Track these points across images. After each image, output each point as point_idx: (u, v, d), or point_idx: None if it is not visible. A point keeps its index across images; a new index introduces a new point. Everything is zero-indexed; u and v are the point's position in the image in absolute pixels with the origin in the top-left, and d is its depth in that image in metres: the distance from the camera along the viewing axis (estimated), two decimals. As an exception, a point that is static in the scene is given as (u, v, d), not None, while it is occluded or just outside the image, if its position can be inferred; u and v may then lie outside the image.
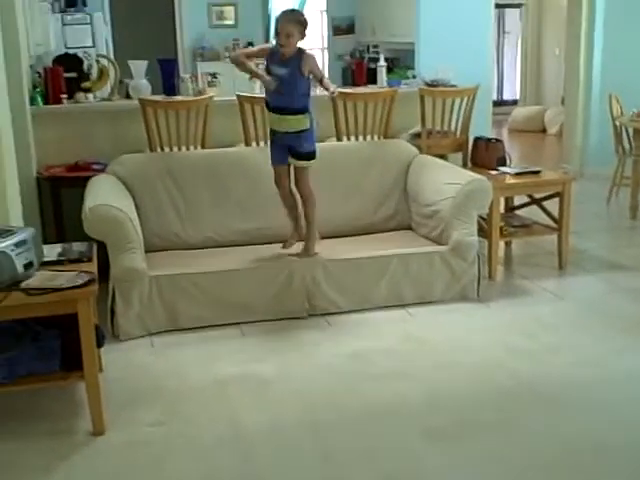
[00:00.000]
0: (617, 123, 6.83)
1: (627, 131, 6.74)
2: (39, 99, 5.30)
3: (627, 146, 6.79)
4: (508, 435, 3.09)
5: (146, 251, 4.30)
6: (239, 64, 4.38)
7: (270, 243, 4.71)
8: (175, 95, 5.61)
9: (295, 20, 4.30)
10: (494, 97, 12.89)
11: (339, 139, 5.52)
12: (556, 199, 5.17)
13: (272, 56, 4.34)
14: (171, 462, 2.92)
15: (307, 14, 10.95)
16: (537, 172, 5.28)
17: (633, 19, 8.11)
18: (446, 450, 2.99)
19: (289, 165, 4.48)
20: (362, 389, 3.50)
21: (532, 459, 2.91)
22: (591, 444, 3.02)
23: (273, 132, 4.45)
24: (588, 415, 3.24)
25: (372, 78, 6.80)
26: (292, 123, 4.34)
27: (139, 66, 5.69)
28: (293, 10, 4.64)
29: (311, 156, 4.45)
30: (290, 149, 4.40)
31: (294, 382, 3.58)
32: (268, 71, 4.32)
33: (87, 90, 5.56)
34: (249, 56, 4.49)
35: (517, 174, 5.21)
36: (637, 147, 6.52)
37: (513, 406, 3.33)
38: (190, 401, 3.41)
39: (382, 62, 6.55)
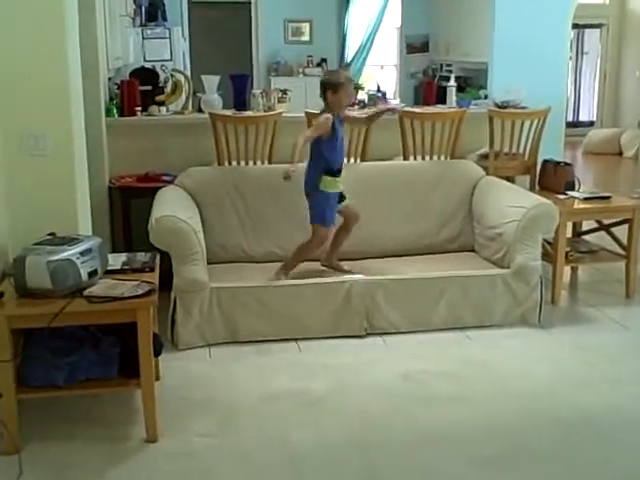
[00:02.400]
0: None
1: None
2: (115, 111, 5.47)
3: None
4: (559, 468, 3.03)
5: (209, 263, 4.38)
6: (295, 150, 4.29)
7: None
8: (245, 110, 5.70)
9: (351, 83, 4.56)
10: (570, 118, 12.71)
11: (406, 158, 5.51)
12: (626, 225, 5.06)
13: (335, 120, 4.40)
14: (219, 474, 2.96)
15: (381, 31, 11.00)
16: (607, 197, 5.17)
17: None
18: (495, 478, 2.95)
19: None
20: (414, 411, 3.48)
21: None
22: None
23: (331, 195, 4.45)
24: (646, 451, 3.16)
25: (443, 97, 6.79)
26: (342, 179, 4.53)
27: (211, 81, 5.81)
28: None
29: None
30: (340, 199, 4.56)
31: (347, 400, 3.58)
32: (333, 130, 4.37)
33: (161, 103, 5.70)
34: (313, 138, 4.40)
35: (586, 199, 5.12)
36: None
37: (567, 438, 3.26)
38: (242, 414, 3.45)
39: (452, 82, 6.53)
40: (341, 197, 4.53)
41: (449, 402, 3.56)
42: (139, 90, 5.63)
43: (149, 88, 5.78)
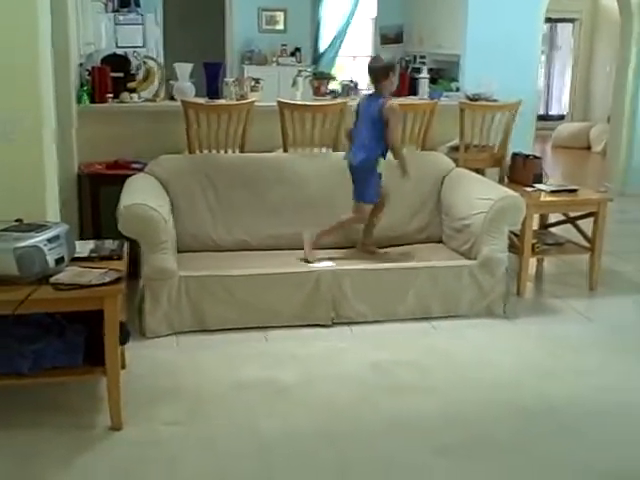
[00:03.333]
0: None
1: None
2: (85, 97, 5.42)
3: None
4: (521, 458, 3.08)
5: (179, 251, 4.40)
6: (402, 154, 4.63)
7: (302, 249, 4.77)
8: (218, 98, 5.69)
9: None
10: (541, 112, 12.81)
11: (377, 149, 5.53)
12: (592, 218, 5.12)
13: None
14: (185, 462, 2.98)
15: (356, 22, 10.97)
16: (573, 191, 5.24)
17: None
18: (457, 467, 2.99)
19: None
20: (380, 400, 3.51)
21: (544, 480, 2.91)
22: (610, 471, 2.99)
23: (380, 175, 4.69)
24: (609, 441, 3.21)
25: (415, 89, 6.82)
26: None
27: (184, 68, 5.79)
28: None
29: None
30: None
31: (314, 390, 3.61)
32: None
33: (132, 90, 5.67)
34: None
35: (553, 192, 5.18)
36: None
37: (530, 428, 3.32)
38: (210, 403, 3.46)
39: (424, 74, 6.57)
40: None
41: (414, 392, 3.61)
42: (110, 77, 5.58)
43: (121, 75, 5.74)
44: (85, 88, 5.49)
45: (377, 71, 4.60)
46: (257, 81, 6.16)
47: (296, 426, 3.28)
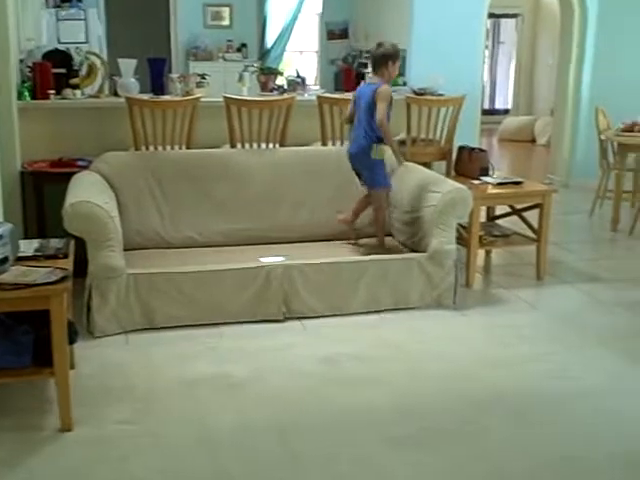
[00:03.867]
0: (602, 137, 6.88)
1: (612, 145, 6.80)
2: (27, 94, 5.32)
3: (611, 160, 6.85)
4: (473, 445, 3.12)
5: (126, 249, 4.34)
6: (390, 134, 4.66)
7: (251, 245, 4.77)
8: (163, 95, 5.64)
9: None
10: (486, 106, 13.00)
11: (324, 144, 5.55)
12: (537, 210, 5.21)
13: None
14: (137, 460, 2.94)
15: (302, 17, 10.97)
16: (519, 183, 5.32)
17: (623, 36, 8.18)
18: (409, 459, 3.01)
19: None
20: (332, 394, 3.52)
21: (495, 471, 2.94)
22: (558, 457, 3.04)
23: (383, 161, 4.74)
24: (557, 427, 3.27)
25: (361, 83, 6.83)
26: None
27: (128, 64, 5.72)
28: None
29: None
30: None
31: (265, 385, 3.60)
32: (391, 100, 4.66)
33: (75, 86, 5.58)
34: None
35: (499, 184, 5.25)
36: (620, 161, 6.58)
37: (480, 416, 3.36)
38: (161, 400, 3.43)
39: (370, 68, 6.57)
40: None
41: (365, 384, 3.62)
42: (52, 73, 5.49)
43: (63, 71, 5.65)
44: (26, 84, 5.39)
45: (376, 58, 4.69)
46: (203, 77, 6.13)
47: (247, 421, 3.27)
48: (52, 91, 5.42)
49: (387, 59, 4.63)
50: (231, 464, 2.95)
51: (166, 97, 5.54)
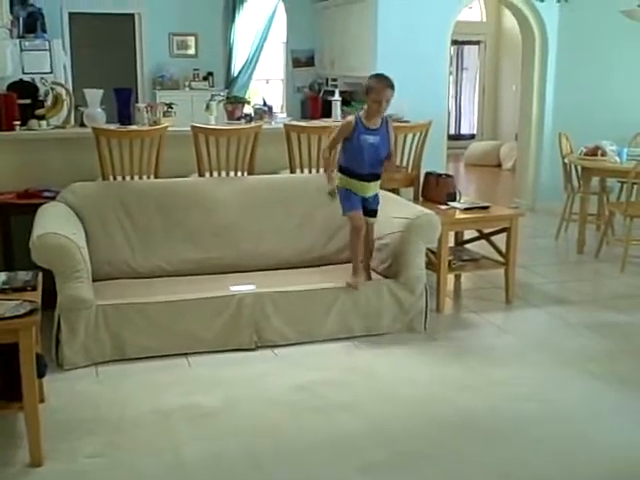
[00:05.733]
0: (566, 161, 7.00)
1: (576, 169, 6.91)
2: (-8, 125, 5.28)
3: (576, 183, 6.96)
4: (443, 469, 3.12)
5: (95, 280, 4.31)
6: (325, 162, 4.60)
7: (221, 273, 4.76)
8: (130, 124, 5.63)
9: (392, 86, 4.32)
10: (452, 131, 13.14)
11: (292, 171, 5.57)
12: (505, 234, 5.27)
13: (357, 126, 4.34)
14: (108, 494, 2.91)
15: (268, 46, 11.03)
16: (486, 207, 5.38)
17: (584, 61, 8.36)
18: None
19: None
20: (305, 421, 3.51)
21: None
22: (529, 477, 3.06)
23: (352, 192, 4.47)
24: (527, 449, 3.29)
25: (329, 111, 6.90)
26: (374, 188, 4.52)
27: (94, 95, 5.70)
28: (386, 75, 4.43)
29: (377, 212, 4.63)
30: (364, 208, 4.52)
31: (239, 414, 3.58)
32: (350, 134, 4.35)
33: (41, 117, 5.54)
34: (336, 143, 4.48)
35: (466, 209, 5.31)
36: (584, 185, 6.69)
37: (452, 439, 3.37)
38: (132, 432, 3.39)
39: (337, 96, 6.65)
40: (372, 212, 4.57)
41: (338, 410, 3.62)
42: (18, 103, 5.45)
43: (28, 102, 5.62)
44: (-9, 116, 5.34)
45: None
46: (170, 106, 6.13)
47: (221, 450, 3.24)
48: (17, 122, 5.38)
49: (366, 91, 4.38)
50: (205, 496, 2.92)
51: (133, 127, 5.53)
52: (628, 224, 6.07)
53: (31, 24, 8.92)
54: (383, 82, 4.29)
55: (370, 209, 4.56)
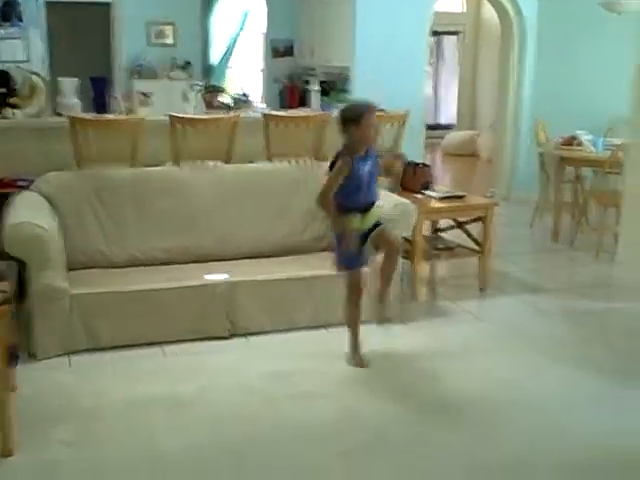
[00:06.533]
0: (542, 150, 7.04)
1: (551, 158, 6.94)
2: (-35, 114, 5.23)
3: (551, 172, 7.00)
4: (420, 452, 3.16)
5: (70, 269, 4.29)
6: (327, 213, 4.06)
7: (196, 262, 4.74)
8: (106, 113, 5.60)
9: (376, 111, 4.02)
10: (430, 121, 13.15)
11: (270, 161, 5.56)
12: (480, 222, 5.30)
13: (353, 160, 3.89)
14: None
15: (246, 36, 10.98)
16: (461, 197, 5.40)
17: (562, 52, 8.37)
18: (359, 468, 3.04)
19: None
20: (282, 409, 3.53)
21: (440, 477, 2.98)
22: (502, 464, 3.10)
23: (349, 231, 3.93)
24: (502, 435, 3.33)
25: (307, 101, 6.90)
26: (376, 214, 4.04)
27: (69, 84, 5.67)
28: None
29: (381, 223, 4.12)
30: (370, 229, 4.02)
31: (213, 402, 3.59)
32: (350, 172, 3.86)
33: (16, 106, 5.50)
34: (336, 186, 3.90)
35: (442, 198, 5.33)
36: (559, 174, 6.74)
37: (425, 425, 3.41)
38: (107, 421, 3.39)
39: (315, 86, 6.65)
40: (375, 225, 4.04)
41: (314, 397, 3.64)
42: (-8, 92, 5.41)
43: (3, 90, 5.56)
44: (-35, 104, 5.29)
45: (338, 124, 3.97)
46: (147, 95, 6.11)
47: (196, 439, 3.25)
48: (-8, 111, 5.33)
49: (346, 122, 3.90)
50: (178, 483, 2.93)
51: (109, 116, 5.50)
52: (602, 213, 6.12)
53: (7, 12, 8.86)
54: (367, 106, 3.93)
55: (375, 224, 4.04)
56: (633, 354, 4.24)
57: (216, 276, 4.45)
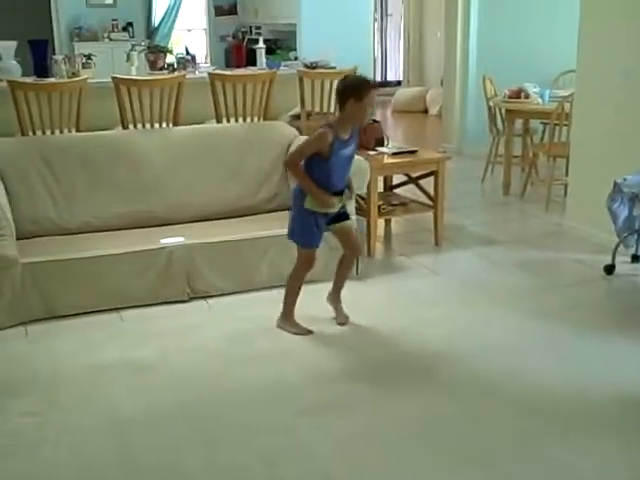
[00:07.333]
0: (491, 104, 7.07)
1: (500, 112, 6.99)
2: None
3: (500, 126, 7.05)
4: (379, 409, 3.18)
5: (19, 238, 4.19)
6: (296, 177, 3.78)
7: (150, 227, 4.68)
8: (47, 77, 5.45)
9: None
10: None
11: (218, 121, 5.50)
12: (432, 177, 5.32)
13: (334, 141, 3.63)
14: (43, 451, 2.87)
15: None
16: (413, 152, 5.41)
17: (507, 6, 8.38)
18: (319, 426, 3.05)
19: None
20: (242, 370, 3.52)
21: (401, 431, 3.01)
22: (463, 411, 3.15)
23: (318, 214, 3.76)
24: (458, 385, 3.38)
25: (253, 60, 6.81)
26: (342, 200, 3.85)
27: (7, 47, 5.52)
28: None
29: (348, 215, 4.00)
30: (335, 218, 3.87)
31: (174, 366, 3.57)
32: (328, 155, 3.62)
33: (-49, 72, 5.33)
34: (303, 158, 3.69)
35: (394, 154, 5.33)
36: (508, 127, 6.79)
37: (385, 379, 3.44)
38: (66, 389, 3.35)
39: (261, 44, 6.57)
40: (342, 216, 3.89)
41: (274, 358, 3.64)
42: None
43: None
44: None
45: (336, 94, 3.74)
46: (89, 58, 5.96)
47: (157, 403, 3.23)
48: None
49: (347, 96, 3.62)
50: (143, 448, 2.91)
51: (51, 79, 5.36)
52: (551, 165, 6.20)
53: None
54: (370, 82, 3.69)
55: (340, 214, 3.88)
56: (583, 302, 4.33)
57: (171, 240, 4.39)
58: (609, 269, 4.72)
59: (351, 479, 2.73)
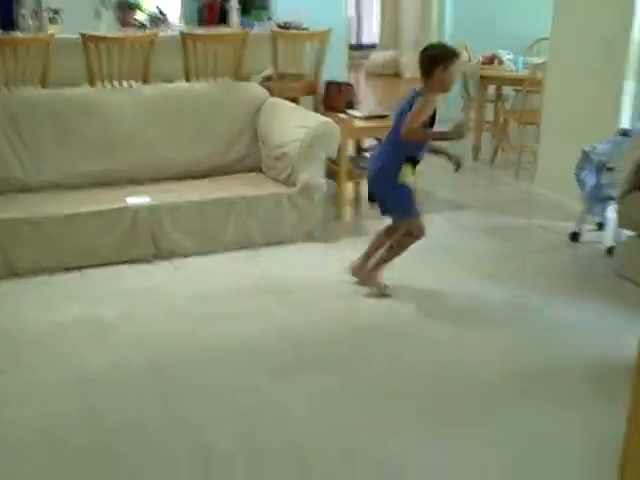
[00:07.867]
0: (463, 70, 7.04)
1: (473, 77, 6.97)
2: None
3: (472, 92, 7.03)
4: (353, 371, 3.20)
5: (-17, 196, 4.14)
6: (424, 137, 3.76)
7: (117, 186, 4.63)
8: (14, 32, 5.34)
9: None
10: (353, 41, 13.01)
11: (188, 80, 5.42)
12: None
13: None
14: (9, 410, 2.87)
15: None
16: (385, 116, 5.38)
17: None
18: (291, 385, 3.07)
19: None
20: (207, 331, 3.52)
21: (376, 390, 3.05)
22: (434, 373, 3.20)
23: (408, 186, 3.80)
24: (421, 348, 3.42)
25: (226, 19, 6.72)
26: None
27: (-28, -1, 5.37)
28: None
29: None
30: None
31: (137, 325, 3.56)
32: (432, 121, 3.70)
33: None
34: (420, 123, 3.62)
35: (366, 118, 5.30)
36: (481, 93, 6.78)
37: (357, 341, 3.47)
38: (31, 348, 3.34)
39: (234, 3, 6.47)
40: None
41: (241, 318, 3.64)
42: None
43: None
44: None
45: (422, 63, 3.73)
46: (57, 12, 5.84)
47: (123, 361, 3.23)
48: None
49: (437, 62, 3.64)
50: (107, 406, 2.91)
51: (17, 34, 5.25)
52: (522, 131, 6.21)
53: None
54: (455, 50, 3.76)
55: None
56: (548, 267, 4.38)
57: (137, 199, 4.35)
58: (574, 236, 4.77)
59: (328, 436, 2.74)
